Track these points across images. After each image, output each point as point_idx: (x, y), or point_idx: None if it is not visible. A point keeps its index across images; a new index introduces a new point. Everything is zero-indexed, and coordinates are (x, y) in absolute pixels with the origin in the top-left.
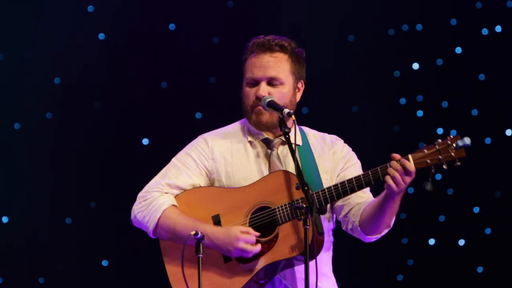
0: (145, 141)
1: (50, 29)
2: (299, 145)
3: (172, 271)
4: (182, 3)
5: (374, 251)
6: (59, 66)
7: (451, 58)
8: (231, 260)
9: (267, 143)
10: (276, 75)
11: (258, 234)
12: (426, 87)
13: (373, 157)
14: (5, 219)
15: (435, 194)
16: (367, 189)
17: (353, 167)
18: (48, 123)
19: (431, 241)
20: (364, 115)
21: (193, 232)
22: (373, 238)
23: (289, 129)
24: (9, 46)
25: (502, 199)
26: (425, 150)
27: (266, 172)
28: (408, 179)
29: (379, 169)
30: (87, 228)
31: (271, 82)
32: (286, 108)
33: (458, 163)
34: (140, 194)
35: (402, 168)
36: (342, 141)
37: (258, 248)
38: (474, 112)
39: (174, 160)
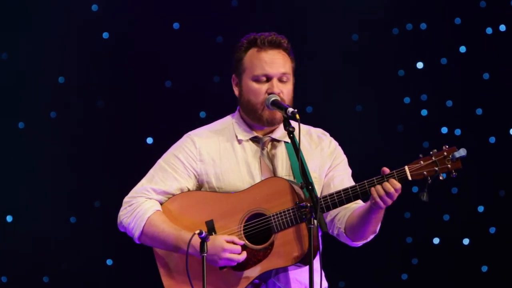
0: (149, 140)
1: (54, 28)
2: (287, 142)
3: (166, 277)
4: (186, 2)
5: (378, 250)
6: (63, 65)
7: (455, 57)
8: (226, 267)
9: (256, 142)
10: (286, 71)
11: (242, 243)
12: (430, 86)
13: (377, 156)
14: (9, 218)
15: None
16: None
17: (340, 165)
18: (52, 122)
19: (436, 240)
20: (368, 114)
21: (197, 231)
22: (359, 243)
23: (293, 128)
24: (12, 45)
25: (506, 198)
26: (422, 162)
27: (256, 173)
28: (395, 196)
29: (366, 184)
30: (91, 227)
31: (281, 78)
32: (289, 107)
33: (455, 174)
34: (126, 199)
35: (388, 189)
36: (328, 135)
37: (243, 256)
38: (479, 111)
39: (161, 162)
